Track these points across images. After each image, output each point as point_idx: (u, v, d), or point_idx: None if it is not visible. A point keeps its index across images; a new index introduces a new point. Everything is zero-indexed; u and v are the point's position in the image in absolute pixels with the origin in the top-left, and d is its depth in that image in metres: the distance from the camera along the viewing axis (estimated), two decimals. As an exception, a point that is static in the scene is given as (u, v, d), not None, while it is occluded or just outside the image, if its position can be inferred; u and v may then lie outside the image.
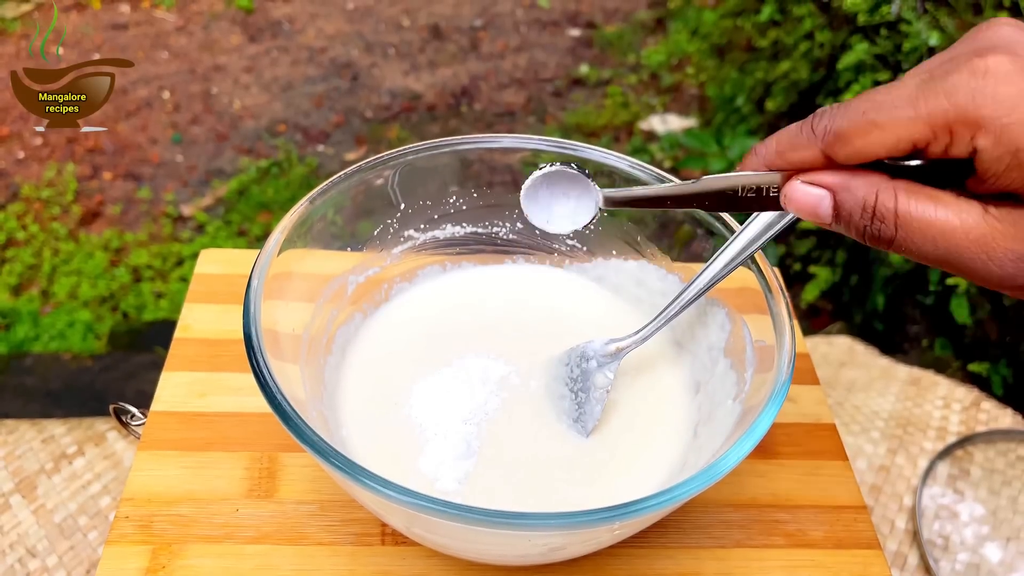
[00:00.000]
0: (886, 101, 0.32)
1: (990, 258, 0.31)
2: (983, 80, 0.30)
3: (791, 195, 0.36)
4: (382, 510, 0.44)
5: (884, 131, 0.32)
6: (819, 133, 0.35)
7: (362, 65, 2.66)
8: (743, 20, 2.51)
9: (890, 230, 0.33)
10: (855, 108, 0.33)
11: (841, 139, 0.34)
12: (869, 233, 0.34)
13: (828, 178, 0.35)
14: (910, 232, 0.33)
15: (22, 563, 0.74)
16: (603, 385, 0.52)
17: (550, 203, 0.44)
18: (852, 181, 0.34)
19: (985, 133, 0.30)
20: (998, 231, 0.31)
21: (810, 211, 0.36)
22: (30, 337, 1.76)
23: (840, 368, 1.10)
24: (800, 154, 0.36)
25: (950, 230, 0.32)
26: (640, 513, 0.38)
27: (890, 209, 0.33)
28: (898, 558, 0.83)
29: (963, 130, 0.31)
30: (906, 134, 0.32)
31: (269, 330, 0.45)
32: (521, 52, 2.76)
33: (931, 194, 0.33)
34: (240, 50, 2.69)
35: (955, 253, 0.32)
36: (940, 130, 0.31)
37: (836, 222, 0.35)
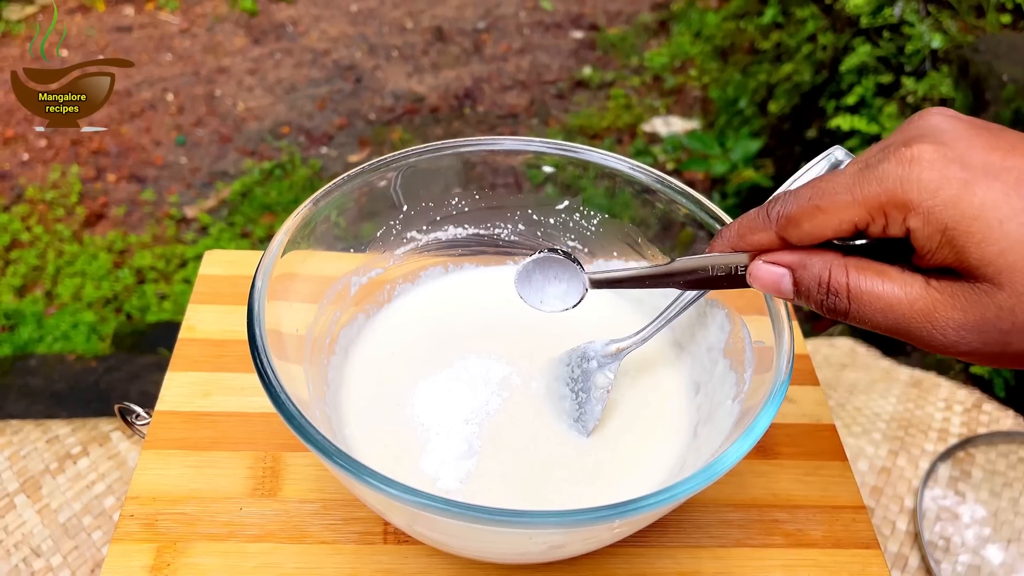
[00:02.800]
0: (828, 188, 0.36)
1: (934, 327, 0.34)
2: (909, 167, 0.33)
3: (755, 273, 0.40)
4: (384, 509, 0.44)
5: (828, 215, 0.36)
6: (773, 217, 0.38)
7: (365, 67, 2.66)
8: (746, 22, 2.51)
9: (844, 303, 0.36)
10: (802, 195, 0.37)
11: (792, 223, 0.37)
12: (827, 306, 0.37)
13: (787, 257, 0.39)
14: (861, 305, 0.36)
15: (27, 563, 0.75)
16: (604, 385, 0.52)
17: (543, 285, 0.49)
18: (808, 259, 0.38)
19: (914, 215, 0.33)
20: (939, 302, 0.34)
21: (774, 287, 0.39)
22: (34, 338, 1.77)
23: (842, 370, 1.10)
24: (758, 236, 0.39)
25: (896, 302, 0.35)
26: (639, 512, 0.39)
27: (843, 284, 0.36)
28: (899, 559, 0.83)
29: (895, 212, 0.34)
30: (847, 217, 0.35)
31: (273, 330, 0.46)
32: (524, 54, 2.76)
33: (879, 269, 0.36)
34: (244, 52, 2.70)
35: (903, 323, 0.35)
36: (876, 213, 0.34)
37: (797, 297, 0.39)
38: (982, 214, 0.32)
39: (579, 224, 0.62)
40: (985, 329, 0.33)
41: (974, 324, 0.33)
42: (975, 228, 0.32)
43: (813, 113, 2.02)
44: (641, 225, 0.59)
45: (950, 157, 0.33)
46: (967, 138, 0.34)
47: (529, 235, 0.63)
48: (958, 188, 0.32)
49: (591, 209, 0.61)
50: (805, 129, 2.03)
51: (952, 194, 0.32)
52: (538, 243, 0.63)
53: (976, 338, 0.33)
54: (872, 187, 0.34)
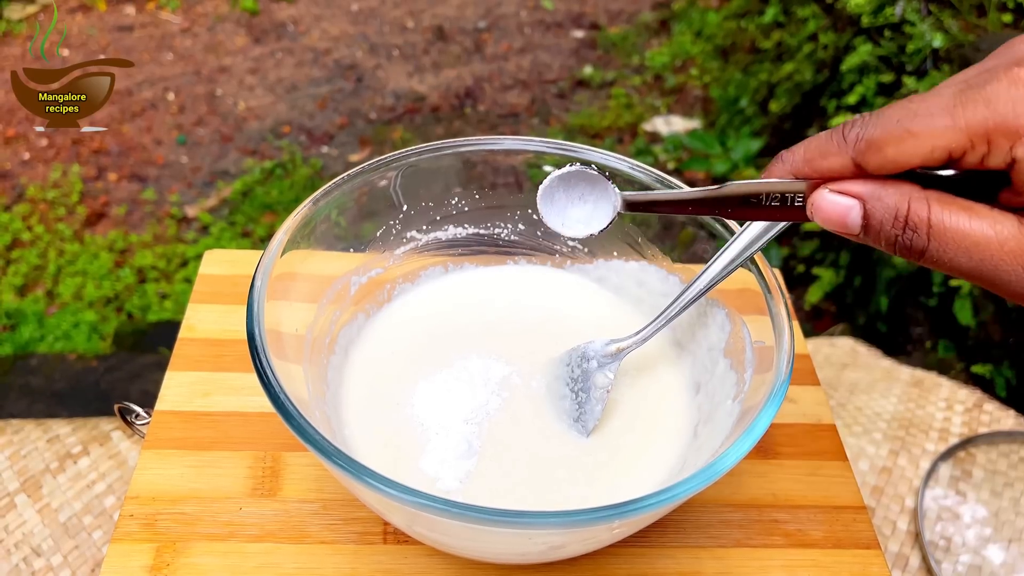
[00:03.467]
0: (921, 109, 0.31)
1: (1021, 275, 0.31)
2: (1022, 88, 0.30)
3: (819, 204, 0.35)
4: (384, 509, 0.44)
5: (919, 139, 0.31)
6: (850, 141, 0.33)
7: (366, 67, 2.66)
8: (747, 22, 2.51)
9: (923, 240, 0.32)
10: (889, 116, 0.32)
11: (873, 147, 0.33)
12: (900, 244, 0.33)
13: (858, 187, 0.34)
14: (943, 243, 0.32)
15: (27, 562, 0.75)
16: (604, 385, 0.52)
17: (566, 206, 0.43)
18: (883, 190, 0.33)
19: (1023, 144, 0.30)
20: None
21: (838, 221, 0.35)
22: (35, 338, 1.77)
23: (843, 369, 1.10)
24: (829, 162, 0.34)
25: (985, 242, 0.31)
26: (639, 512, 0.39)
27: (923, 219, 0.32)
28: (900, 559, 0.83)
29: (1002, 140, 0.30)
30: (942, 143, 0.31)
31: (272, 330, 0.46)
32: (525, 54, 2.76)
33: (965, 205, 0.32)
34: (245, 52, 2.70)
35: (989, 265, 0.31)
36: (978, 139, 0.31)
37: (866, 233, 0.34)
38: None
39: (579, 224, 0.62)
40: None
41: None
42: None
43: (814, 112, 2.02)
44: (641, 225, 0.59)
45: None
46: None
47: (529, 235, 0.63)
48: None
49: (591, 209, 0.61)
50: (806, 128, 2.03)
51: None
52: (538, 243, 0.63)
53: None
54: (977, 109, 0.30)
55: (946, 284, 1.52)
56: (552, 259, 0.64)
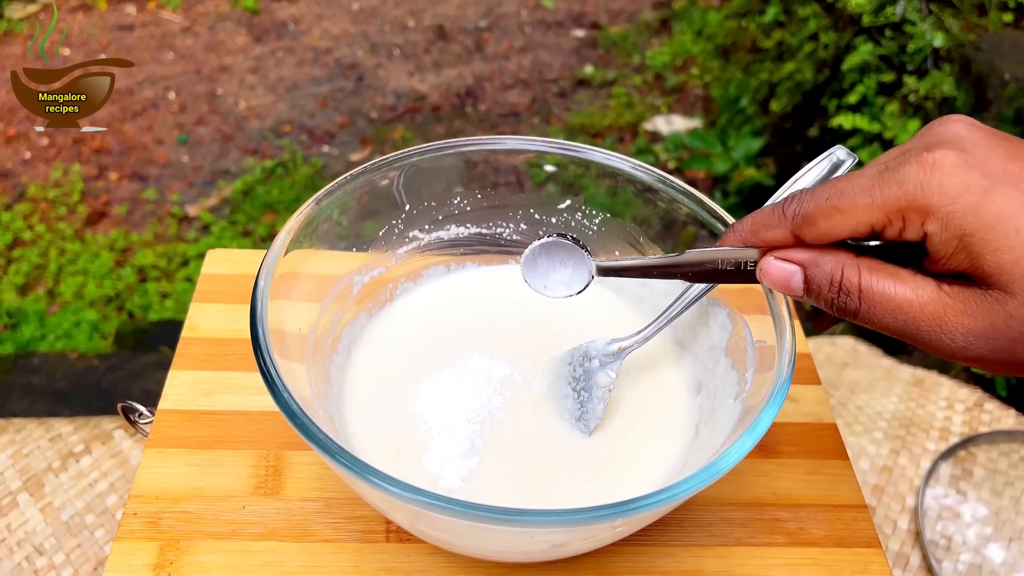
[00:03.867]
0: (846, 189, 0.35)
1: (943, 331, 0.34)
2: (930, 172, 0.33)
3: (766, 270, 0.40)
4: (387, 507, 0.44)
5: (845, 215, 0.36)
6: (789, 215, 0.38)
7: (367, 66, 2.66)
8: (748, 21, 2.51)
9: (855, 303, 0.36)
10: (821, 195, 0.36)
11: (808, 221, 0.37)
12: (836, 305, 0.37)
13: (799, 255, 0.39)
14: (872, 305, 0.36)
15: (29, 561, 0.75)
16: (605, 384, 0.53)
17: (548, 270, 0.48)
18: (820, 258, 0.38)
19: (933, 219, 0.33)
20: (950, 307, 0.34)
21: (783, 284, 0.39)
22: (37, 337, 1.77)
23: (843, 369, 1.10)
24: (772, 233, 0.39)
25: (907, 305, 0.35)
26: (641, 510, 0.39)
27: (854, 284, 0.36)
28: (900, 558, 0.83)
29: (914, 216, 0.34)
30: (864, 219, 0.35)
31: (276, 329, 0.46)
32: (526, 53, 2.76)
33: (891, 271, 0.36)
34: (246, 51, 2.70)
35: (912, 326, 0.35)
36: (894, 216, 0.34)
37: (807, 295, 0.39)
38: (1000, 222, 0.32)
39: (581, 223, 0.62)
40: (994, 336, 0.33)
41: (983, 331, 0.33)
42: (992, 236, 0.32)
43: (815, 112, 2.02)
44: (643, 224, 0.59)
45: (971, 164, 0.33)
46: (988, 147, 0.34)
47: (531, 234, 0.63)
48: (978, 195, 0.32)
49: (593, 208, 0.61)
50: (807, 128, 2.03)
51: (972, 201, 0.32)
52: (540, 242, 0.63)
53: (984, 344, 0.34)
54: (892, 190, 0.34)
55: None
56: (554, 258, 0.64)
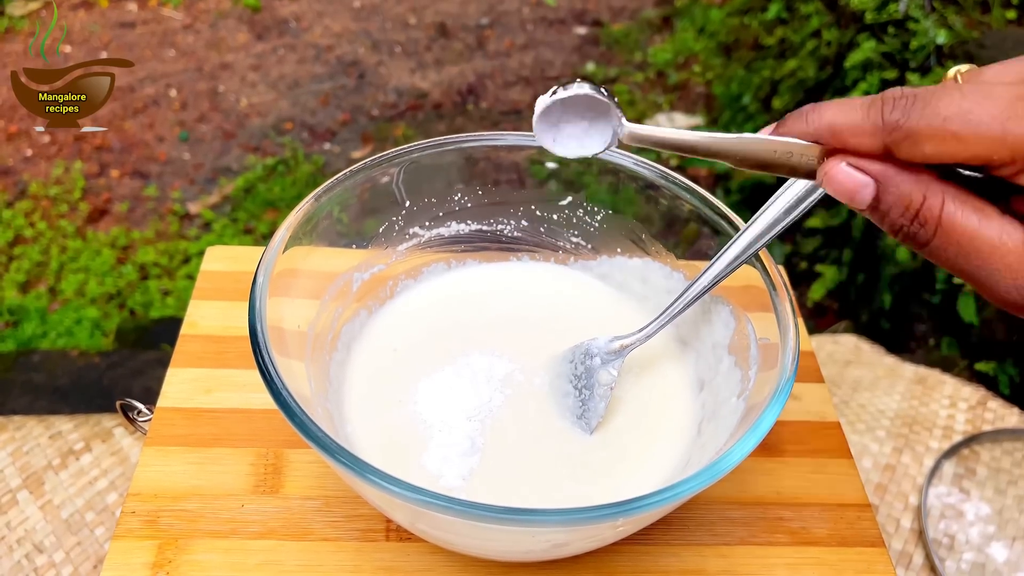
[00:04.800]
0: (973, 114, 0.30)
1: (1015, 283, 0.31)
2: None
3: (832, 175, 0.34)
4: (387, 506, 0.44)
5: (963, 144, 0.30)
6: (888, 125, 0.32)
7: (368, 63, 2.66)
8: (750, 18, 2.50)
9: (928, 235, 0.32)
10: (935, 110, 0.31)
11: (912, 139, 0.31)
12: (905, 232, 0.33)
13: (876, 168, 0.33)
14: (948, 242, 0.31)
15: (29, 558, 0.75)
16: (607, 382, 0.52)
17: (561, 123, 0.40)
18: (901, 176, 0.32)
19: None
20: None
21: (848, 195, 0.34)
22: (38, 334, 1.77)
23: (846, 367, 1.10)
24: (859, 140, 0.33)
25: (988, 248, 0.31)
26: (643, 510, 0.38)
27: (934, 214, 0.31)
28: (903, 557, 0.83)
29: None
30: (985, 152, 0.30)
31: (275, 327, 0.46)
32: (527, 50, 2.76)
33: (978, 206, 0.31)
34: (247, 48, 2.69)
35: (984, 271, 0.31)
36: (1021, 159, 0.30)
37: (872, 213, 0.33)
38: None
39: (582, 220, 0.61)
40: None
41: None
42: None
43: (817, 109, 2.01)
44: (645, 221, 0.59)
45: None
46: None
47: (532, 231, 0.63)
48: None
49: (595, 205, 0.61)
50: (809, 125, 2.02)
51: None
52: (542, 239, 0.63)
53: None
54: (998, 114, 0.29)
55: (950, 281, 1.51)
56: (555, 255, 0.63)
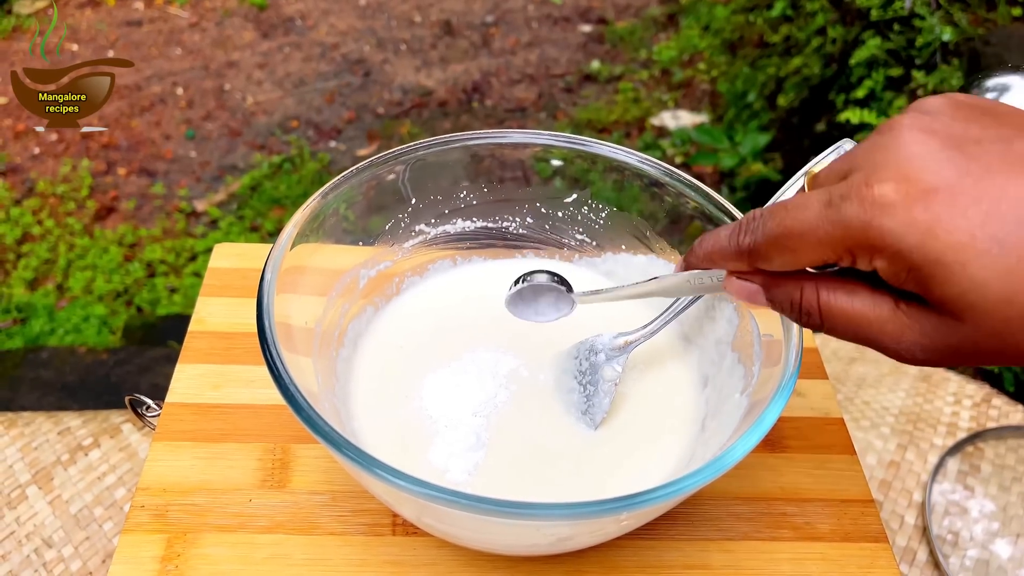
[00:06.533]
0: (795, 226, 0.36)
1: (900, 347, 0.35)
2: (871, 212, 0.33)
3: (731, 288, 0.41)
4: (393, 500, 0.44)
5: (797, 254, 0.36)
6: (744, 249, 0.39)
7: (374, 61, 2.66)
8: (755, 16, 2.50)
9: (816, 320, 0.38)
10: (771, 230, 0.37)
11: (763, 258, 0.38)
12: (800, 321, 0.39)
13: (758, 278, 0.40)
14: (834, 322, 0.37)
15: (38, 553, 0.75)
16: (611, 378, 0.53)
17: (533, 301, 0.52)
18: (777, 281, 0.39)
19: (879, 257, 0.33)
20: (907, 327, 0.35)
21: (749, 300, 0.41)
22: (46, 331, 1.78)
23: (850, 364, 1.10)
24: (729, 264, 0.41)
25: (867, 322, 0.36)
26: (647, 504, 0.39)
27: (814, 304, 0.37)
28: (907, 553, 0.83)
29: (862, 253, 0.34)
30: (816, 257, 0.36)
31: (282, 323, 0.46)
32: (532, 48, 2.76)
33: (848, 288, 0.37)
34: (253, 46, 2.70)
35: (873, 340, 0.36)
36: (843, 253, 0.35)
37: (772, 306, 0.40)
38: (944, 258, 0.32)
39: (587, 217, 0.62)
40: (948, 354, 0.34)
41: (939, 349, 0.34)
42: (938, 271, 0.32)
43: (822, 107, 2.01)
44: (650, 218, 0.59)
45: (913, 196, 0.32)
46: (937, 164, 0.33)
47: (537, 228, 0.63)
48: (922, 232, 0.32)
49: (599, 202, 0.61)
50: (814, 123, 2.03)
51: (916, 240, 0.32)
52: (547, 236, 0.63)
53: (941, 359, 0.35)
54: (838, 231, 0.34)
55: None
56: (560, 252, 0.64)
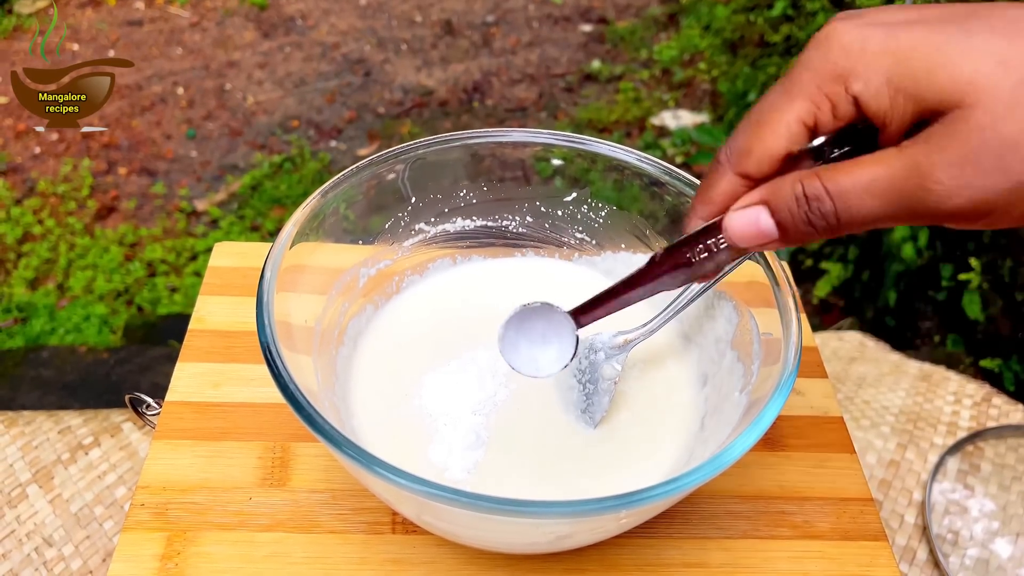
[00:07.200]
0: (763, 105, 0.35)
1: (927, 183, 0.31)
2: (828, 42, 0.33)
3: (730, 226, 0.37)
4: (393, 499, 0.44)
5: (773, 123, 0.34)
6: (724, 161, 0.37)
7: (374, 61, 2.66)
8: (756, 15, 2.50)
9: (829, 204, 0.33)
10: (743, 125, 0.36)
11: (743, 153, 0.36)
12: (813, 219, 0.34)
13: (755, 195, 0.36)
14: (848, 199, 0.33)
15: (39, 552, 0.75)
16: (611, 377, 0.53)
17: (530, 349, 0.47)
18: (777, 185, 0.35)
19: (853, 80, 0.32)
20: (920, 153, 0.31)
21: (754, 231, 0.36)
22: (47, 330, 1.78)
23: (851, 363, 1.10)
24: (720, 188, 0.37)
25: (879, 178, 0.32)
26: (646, 502, 0.39)
27: (819, 187, 0.33)
28: (907, 553, 0.83)
29: (835, 88, 0.33)
30: (792, 117, 0.34)
31: (282, 322, 0.46)
32: (533, 48, 2.76)
33: (849, 163, 0.33)
34: (254, 46, 2.70)
35: (896, 197, 0.32)
36: (817, 98, 0.33)
37: (780, 228, 0.36)
38: (916, 51, 0.31)
39: (587, 216, 0.62)
40: (977, 159, 0.30)
41: (963, 158, 0.30)
42: (916, 64, 0.31)
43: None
44: (650, 218, 0.59)
45: (864, 20, 0.32)
46: (880, 9, 0.34)
47: (537, 227, 0.63)
48: (883, 38, 0.31)
49: (599, 201, 0.61)
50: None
51: (879, 43, 0.31)
52: (546, 235, 0.63)
53: (973, 173, 0.30)
54: (804, 77, 0.33)
55: (955, 278, 1.51)
56: (560, 251, 0.64)
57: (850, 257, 1.78)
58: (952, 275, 1.52)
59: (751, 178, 0.37)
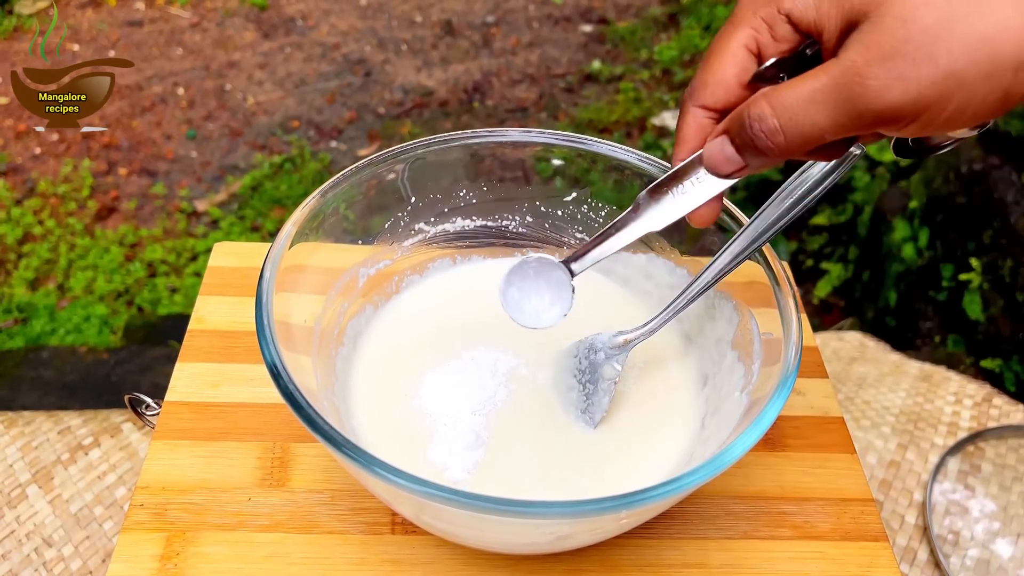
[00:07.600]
0: (714, 41, 0.38)
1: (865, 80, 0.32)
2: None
3: (706, 157, 0.40)
4: (392, 499, 0.44)
5: (721, 53, 0.37)
6: (687, 97, 0.39)
7: (375, 61, 2.66)
8: (756, 15, 2.50)
9: (772, 121, 0.35)
10: (700, 63, 0.39)
11: (700, 86, 0.39)
12: (759, 139, 0.36)
13: (722, 125, 0.39)
14: (793, 113, 0.34)
15: (39, 552, 0.75)
16: (611, 377, 0.52)
17: (529, 298, 0.49)
18: (734, 113, 0.38)
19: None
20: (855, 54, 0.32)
21: (721, 158, 0.39)
22: (47, 331, 1.78)
23: (851, 363, 1.10)
24: (689, 124, 0.40)
25: (821, 88, 0.33)
26: (646, 502, 0.39)
27: (762, 106, 0.35)
28: (908, 553, 0.83)
29: (769, 10, 0.35)
30: (737, 44, 0.37)
31: (281, 322, 0.46)
32: (533, 48, 2.76)
33: (793, 80, 0.35)
34: (254, 47, 2.70)
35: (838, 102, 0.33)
36: (756, 24, 0.36)
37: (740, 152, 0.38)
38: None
39: (587, 216, 0.62)
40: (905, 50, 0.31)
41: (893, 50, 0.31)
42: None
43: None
44: (649, 217, 0.59)
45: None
46: None
47: (537, 227, 0.63)
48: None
49: (599, 201, 0.61)
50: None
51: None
52: (546, 235, 0.63)
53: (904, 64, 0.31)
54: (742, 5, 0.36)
55: (955, 278, 1.51)
56: (560, 251, 0.64)
57: (851, 257, 1.78)
58: (953, 275, 1.51)
59: (711, 109, 0.39)
